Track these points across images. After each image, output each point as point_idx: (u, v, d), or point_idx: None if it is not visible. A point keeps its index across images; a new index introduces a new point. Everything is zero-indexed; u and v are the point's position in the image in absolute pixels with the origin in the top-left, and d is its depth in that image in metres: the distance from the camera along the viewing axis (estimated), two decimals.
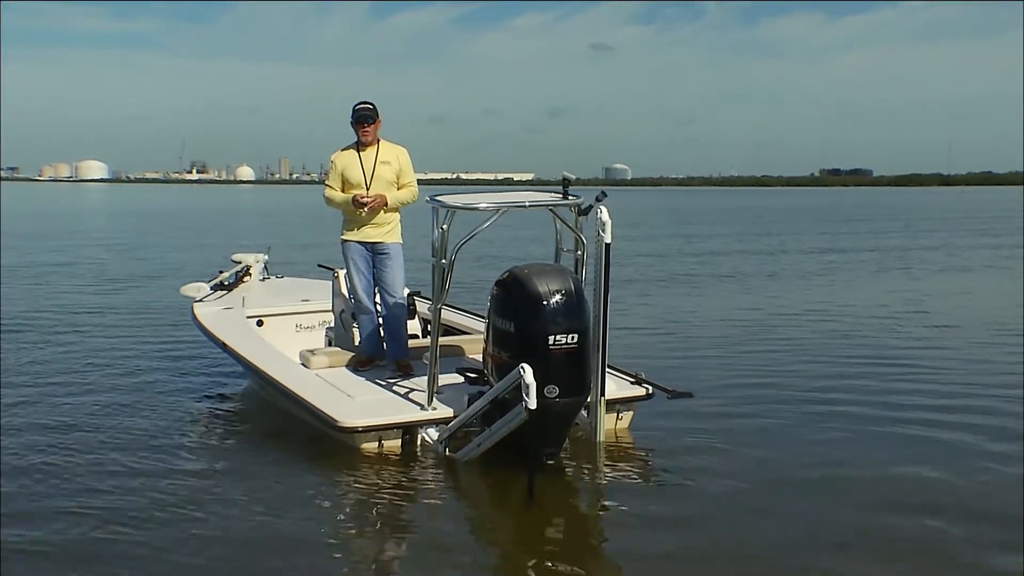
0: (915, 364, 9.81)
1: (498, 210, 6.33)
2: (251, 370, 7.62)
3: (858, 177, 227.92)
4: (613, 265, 6.45)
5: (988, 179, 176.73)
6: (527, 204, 6.48)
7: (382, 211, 7.41)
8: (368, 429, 6.42)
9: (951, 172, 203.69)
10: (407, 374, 7.32)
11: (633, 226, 38.21)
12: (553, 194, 6.66)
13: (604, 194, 6.46)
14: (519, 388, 5.72)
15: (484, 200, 6.47)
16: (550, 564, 4.99)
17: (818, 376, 9.18)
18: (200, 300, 9.24)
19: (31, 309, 13.44)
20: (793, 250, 26.34)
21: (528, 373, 5.67)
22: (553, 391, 5.81)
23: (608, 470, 6.35)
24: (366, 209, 7.31)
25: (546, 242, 7.26)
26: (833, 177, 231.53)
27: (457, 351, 7.67)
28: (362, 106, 7.39)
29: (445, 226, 6.33)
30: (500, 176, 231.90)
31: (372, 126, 7.41)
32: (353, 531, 5.43)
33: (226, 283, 9.78)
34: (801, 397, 8.27)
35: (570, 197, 6.55)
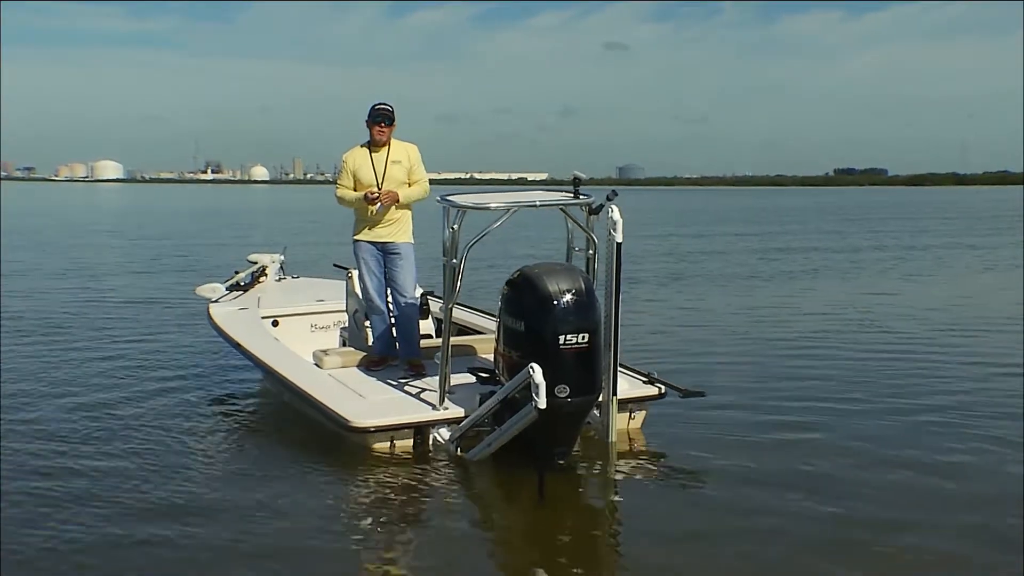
0: (940, 363, 9.72)
1: (508, 209, 6.34)
2: (264, 370, 7.65)
3: (872, 176, 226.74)
4: (626, 263, 6.43)
5: (1004, 178, 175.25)
6: (537, 204, 6.49)
7: (393, 209, 7.43)
8: (380, 429, 6.44)
9: (966, 171, 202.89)
10: (419, 374, 7.34)
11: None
12: (564, 193, 6.67)
13: (615, 193, 6.46)
14: (529, 388, 5.73)
15: (495, 200, 6.48)
16: (561, 564, 4.99)
17: (834, 376, 9.11)
18: (216, 301, 9.28)
19: (43, 307, 13.50)
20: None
21: (537, 373, 5.68)
22: (564, 391, 5.81)
23: (620, 470, 6.35)
24: (378, 206, 7.33)
25: (559, 242, 7.26)
26: (847, 176, 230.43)
27: (469, 351, 7.68)
28: (381, 106, 7.43)
29: (456, 226, 6.34)
30: (514, 176, 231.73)
31: (389, 127, 7.43)
32: (365, 531, 5.43)
33: (242, 283, 9.85)
34: (817, 396, 8.22)
35: (581, 196, 6.56)
